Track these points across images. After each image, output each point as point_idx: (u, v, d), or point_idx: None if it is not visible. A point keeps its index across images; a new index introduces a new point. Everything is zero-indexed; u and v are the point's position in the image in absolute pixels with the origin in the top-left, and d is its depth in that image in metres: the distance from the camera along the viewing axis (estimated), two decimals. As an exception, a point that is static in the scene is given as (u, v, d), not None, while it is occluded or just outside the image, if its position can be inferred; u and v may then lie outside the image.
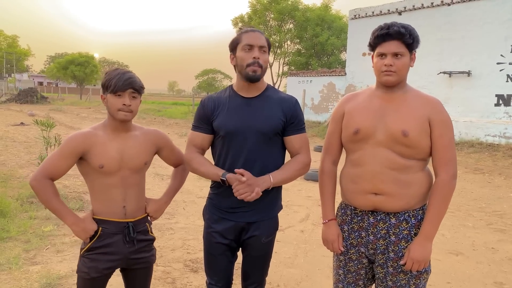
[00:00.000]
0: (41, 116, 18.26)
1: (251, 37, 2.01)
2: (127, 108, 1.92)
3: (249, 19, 32.69)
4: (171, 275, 3.58)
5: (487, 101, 12.97)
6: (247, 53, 2.00)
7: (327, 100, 19.51)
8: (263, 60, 2.02)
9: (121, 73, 1.94)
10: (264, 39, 2.04)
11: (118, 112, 1.92)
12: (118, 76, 1.91)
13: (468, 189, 7.73)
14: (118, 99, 1.91)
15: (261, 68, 2.01)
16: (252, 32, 2.03)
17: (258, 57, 1.99)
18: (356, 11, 17.79)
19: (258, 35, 2.02)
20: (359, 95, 2.06)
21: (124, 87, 1.90)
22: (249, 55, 2.00)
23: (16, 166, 7.87)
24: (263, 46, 2.02)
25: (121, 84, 1.89)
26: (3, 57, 66.38)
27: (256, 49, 2.00)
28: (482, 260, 4.21)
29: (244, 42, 2.01)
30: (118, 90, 1.90)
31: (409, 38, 1.83)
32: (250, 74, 2.00)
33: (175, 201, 5.93)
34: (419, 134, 1.83)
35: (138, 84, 1.95)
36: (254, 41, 2.00)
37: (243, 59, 2.01)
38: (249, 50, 2.00)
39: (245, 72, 2.01)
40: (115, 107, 1.92)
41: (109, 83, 1.91)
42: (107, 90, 1.92)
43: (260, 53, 2.00)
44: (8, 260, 3.64)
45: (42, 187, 1.90)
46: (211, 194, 2.20)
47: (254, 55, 1.99)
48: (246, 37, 2.02)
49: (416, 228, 1.91)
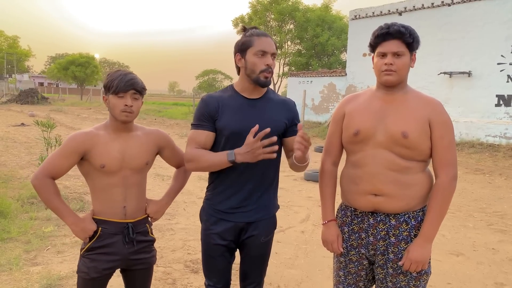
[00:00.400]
0: (41, 116, 18.29)
1: (265, 43, 2.01)
2: (129, 109, 1.92)
3: (250, 20, 32.70)
4: (171, 275, 3.58)
5: (488, 101, 12.98)
6: (260, 59, 2.00)
7: (328, 101, 19.53)
8: (273, 66, 2.05)
9: (123, 74, 1.94)
10: (275, 46, 2.07)
11: (119, 113, 1.92)
12: (120, 77, 1.92)
13: (468, 189, 7.73)
14: (119, 100, 1.92)
15: (272, 74, 2.05)
16: (265, 38, 2.03)
17: (272, 65, 2.02)
18: (357, 12, 17.80)
19: (271, 42, 2.04)
20: (360, 96, 2.06)
21: (125, 88, 1.90)
22: (262, 62, 2.00)
23: (16, 167, 7.87)
24: (275, 53, 2.05)
25: (123, 85, 1.90)
26: (3, 57, 66.46)
27: (269, 56, 2.01)
28: (482, 260, 4.21)
29: (258, 47, 2.00)
30: (120, 91, 1.90)
31: (409, 38, 1.83)
32: (262, 80, 2.01)
33: (175, 202, 5.92)
34: (419, 135, 1.83)
35: (140, 85, 1.96)
36: (268, 48, 2.01)
37: (256, 64, 2.01)
38: (262, 56, 2.00)
39: (256, 77, 2.01)
40: (116, 108, 1.92)
41: (111, 84, 1.92)
42: (109, 91, 1.93)
43: (272, 60, 2.03)
44: (9, 260, 3.64)
45: (43, 186, 1.91)
46: (209, 195, 2.19)
47: (268, 63, 2.00)
48: (260, 42, 2.01)
49: (416, 229, 1.91)
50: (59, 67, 49.03)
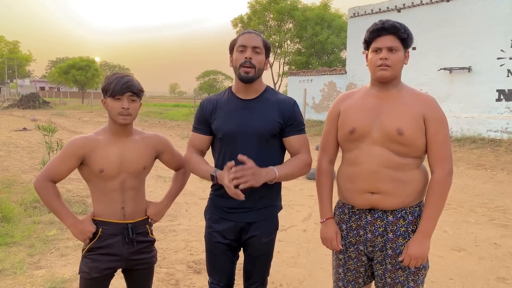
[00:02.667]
0: (43, 121, 18.35)
1: (245, 38, 2.03)
2: (126, 111, 1.95)
3: (249, 20, 32.72)
4: (174, 276, 3.60)
5: (488, 96, 12.96)
6: (241, 53, 2.02)
7: (328, 99, 19.52)
8: (257, 60, 2.02)
9: (119, 77, 1.97)
10: (259, 40, 2.04)
11: (117, 116, 1.95)
12: (116, 80, 1.94)
13: (470, 185, 7.73)
14: (117, 103, 1.94)
15: (254, 68, 2.01)
16: (248, 34, 2.05)
17: (250, 57, 2.00)
18: (355, 9, 17.80)
19: (253, 36, 2.03)
20: (354, 94, 2.07)
21: (122, 90, 1.93)
22: (242, 56, 2.01)
23: (19, 172, 7.91)
24: (257, 47, 2.02)
25: (119, 88, 1.92)
26: (4, 63, 66.68)
27: (249, 49, 2.01)
28: (484, 255, 4.22)
29: (239, 43, 2.04)
30: (117, 94, 1.93)
31: (404, 33, 1.86)
32: (242, 74, 2.01)
33: (177, 203, 5.96)
34: (414, 132, 1.85)
35: (137, 88, 1.98)
36: (247, 42, 2.01)
37: (237, 59, 2.03)
38: (242, 51, 2.02)
39: (238, 72, 2.03)
40: (114, 111, 1.95)
41: (108, 87, 1.95)
42: (106, 94, 1.97)
43: (253, 54, 2.01)
44: (13, 264, 3.67)
45: (44, 188, 1.97)
46: (212, 194, 2.23)
47: (246, 55, 2.00)
48: (241, 39, 2.04)
49: (413, 224, 1.93)
50: (60, 71, 49.23)
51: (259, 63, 2.03)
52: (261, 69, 2.05)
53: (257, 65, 2.02)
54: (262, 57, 2.05)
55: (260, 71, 2.05)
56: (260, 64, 2.03)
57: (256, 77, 2.04)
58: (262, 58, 2.06)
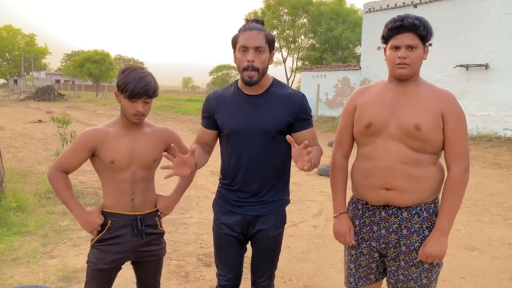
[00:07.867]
0: (58, 113, 18.57)
1: (245, 38, 1.92)
2: (140, 113, 1.95)
3: (263, 14, 32.59)
4: (184, 269, 3.62)
5: (506, 94, 12.71)
6: (243, 55, 1.93)
7: (342, 95, 19.36)
8: (260, 61, 1.93)
9: (137, 78, 1.91)
10: (261, 38, 1.93)
11: (131, 116, 1.96)
12: (134, 82, 1.89)
13: (485, 184, 7.61)
14: (132, 104, 1.93)
15: (258, 71, 1.93)
16: (248, 31, 1.93)
17: (253, 60, 1.90)
18: (371, 5, 17.59)
19: (254, 35, 1.92)
20: (371, 88, 2.04)
21: (139, 95, 1.91)
22: (244, 58, 1.93)
23: (34, 163, 8.03)
24: (259, 47, 1.91)
25: (137, 92, 1.89)
26: (21, 55, 67.64)
27: (251, 51, 1.91)
28: (498, 255, 4.15)
29: (240, 43, 1.94)
30: (133, 97, 1.91)
31: (423, 30, 1.81)
32: (246, 79, 1.94)
33: (189, 196, 5.98)
34: (432, 127, 1.81)
35: (153, 90, 1.95)
36: (249, 42, 1.91)
37: (240, 61, 1.95)
38: (244, 52, 1.93)
39: (241, 75, 1.97)
40: (128, 111, 1.95)
41: (125, 87, 1.91)
42: (122, 92, 1.93)
43: (256, 55, 1.92)
44: (27, 253, 3.73)
45: (56, 179, 2.01)
46: (220, 187, 2.23)
47: (248, 58, 1.91)
48: (242, 38, 1.94)
49: (427, 221, 1.90)
50: (75, 64, 49.84)
51: (263, 63, 1.95)
52: (265, 68, 1.98)
53: (261, 66, 1.94)
54: (265, 56, 1.96)
55: (264, 70, 1.97)
56: (263, 64, 1.95)
57: (261, 78, 1.98)
58: (266, 57, 1.96)
